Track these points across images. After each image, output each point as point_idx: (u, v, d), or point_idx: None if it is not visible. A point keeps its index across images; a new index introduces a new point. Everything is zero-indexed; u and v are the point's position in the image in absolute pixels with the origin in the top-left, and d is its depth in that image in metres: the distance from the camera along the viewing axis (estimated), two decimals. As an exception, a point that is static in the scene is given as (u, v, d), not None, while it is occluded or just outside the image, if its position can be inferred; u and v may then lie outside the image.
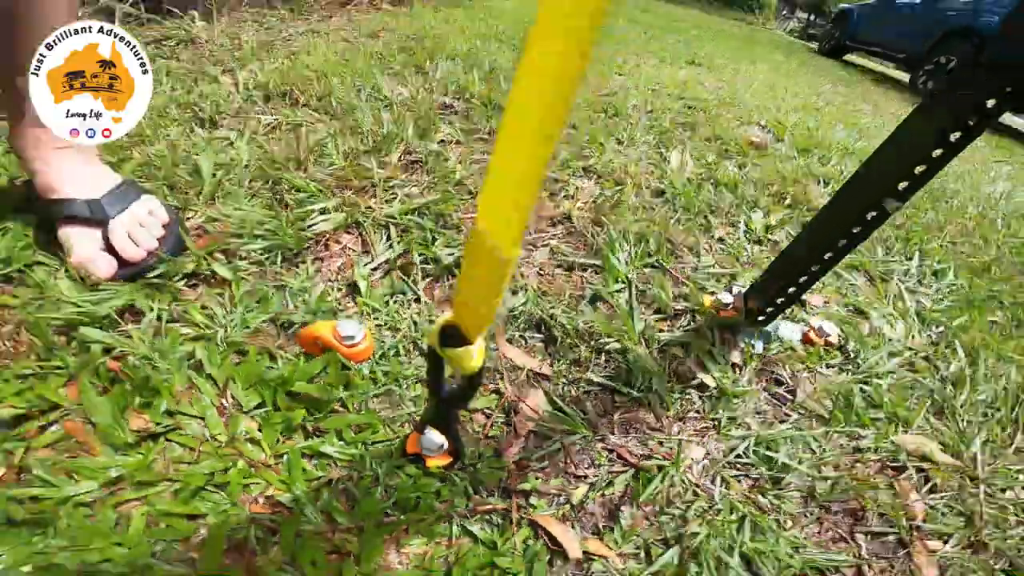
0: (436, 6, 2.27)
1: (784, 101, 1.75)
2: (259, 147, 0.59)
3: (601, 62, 1.47)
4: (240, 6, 1.72)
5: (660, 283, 0.50)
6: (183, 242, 0.45)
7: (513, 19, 2.00)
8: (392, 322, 0.41)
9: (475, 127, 0.72)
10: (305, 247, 0.45)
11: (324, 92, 0.75)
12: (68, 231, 0.42)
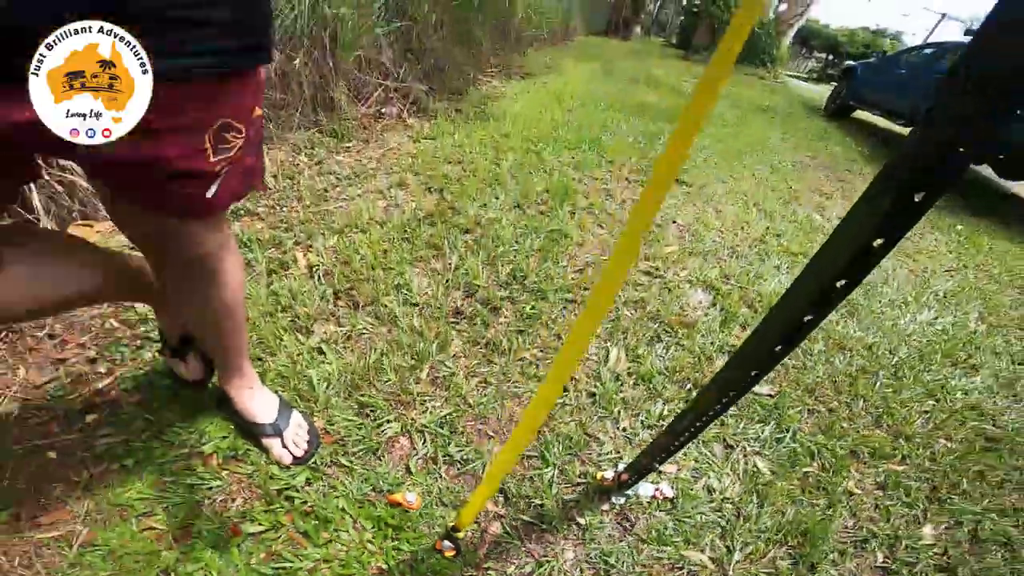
0: (454, 119, 2.91)
1: (747, 233, 2.26)
2: (341, 358, 1.13)
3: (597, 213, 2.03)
4: (292, 132, 2.35)
5: (573, 467, 1.01)
6: (319, 439, 0.97)
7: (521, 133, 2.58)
8: (428, 488, 0.93)
9: (477, 336, 1.26)
10: (382, 446, 0.98)
11: (374, 295, 1.30)
12: (266, 441, 0.94)
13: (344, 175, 1.96)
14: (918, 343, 1.77)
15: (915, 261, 2.48)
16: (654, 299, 1.56)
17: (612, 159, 2.72)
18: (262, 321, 1.17)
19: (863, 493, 1.15)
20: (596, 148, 2.86)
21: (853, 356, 1.60)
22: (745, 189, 2.77)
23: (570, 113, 3.68)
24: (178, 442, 0.92)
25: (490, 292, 1.40)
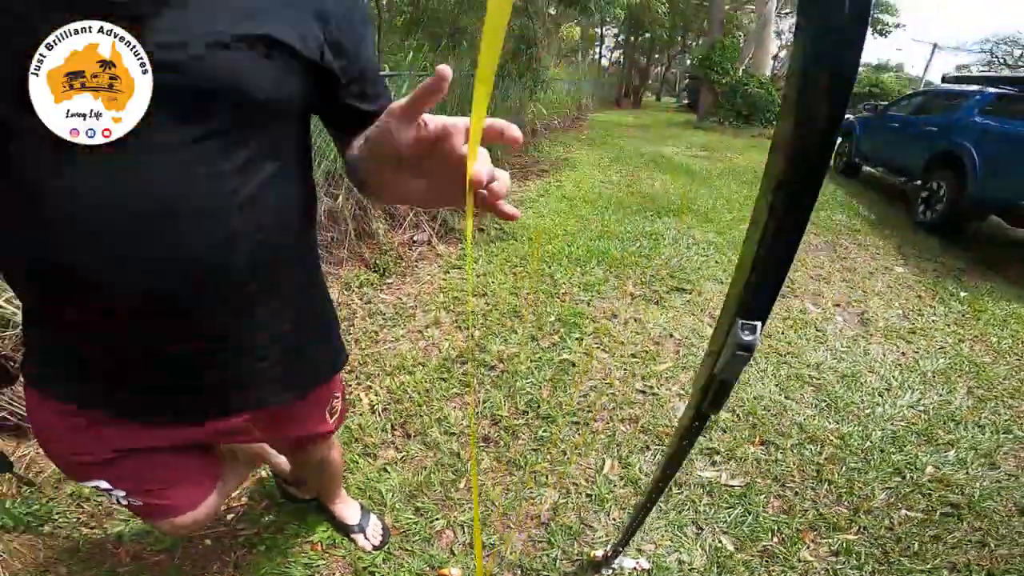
0: (477, 240, 3.54)
1: None
2: (401, 475, 1.63)
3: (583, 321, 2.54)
4: (342, 268, 3.00)
5: (572, 548, 1.46)
6: (389, 533, 1.46)
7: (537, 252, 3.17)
8: (466, 565, 1.39)
9: (501, 456, 1.75)
10: (433, 536, 1.46)
11: (422, 427, 1.83)
12: (353, 535, 1.45)
13: (389, 315, 2.60)
14: (893, 427, 2.10)
15: (908, 343, 2.79)
16: (646, 414, 2.04)
17: (618, 273, 3.28)
18: (351, 452, 1.76)
19: (816, 560, 1.52)
20: (604, 261, 3.44)
21: (824, 446, 1.96)
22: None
23: (582, 220, 4.32)
24: (294, 534, 1.46)
25: (510, 421, 1.93)
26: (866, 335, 2.80)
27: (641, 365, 2.34)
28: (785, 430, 2.01)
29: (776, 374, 2.36)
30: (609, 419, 1.99)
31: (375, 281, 2.94)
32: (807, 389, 2.27)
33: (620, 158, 7.54)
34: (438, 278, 3.04)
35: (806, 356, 2.52)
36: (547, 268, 3.25)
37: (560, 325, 2.60)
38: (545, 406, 2.02)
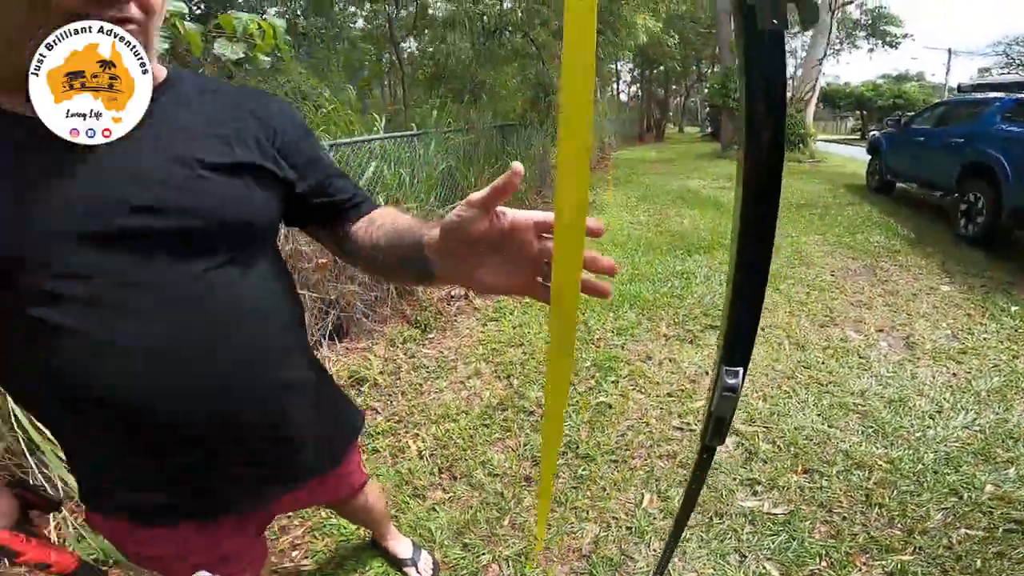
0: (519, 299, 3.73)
1: (776, 371, 2.66)
2: (448, 514, 1.78)
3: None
4: (387, 325, 3.21)
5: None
6: (439, 567, 1.60)
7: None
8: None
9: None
10: (480, 570, 1.58)
11: (467, 470, 1.97)
12: (406, 569, 1.58)
13: (432, 368, 2.78)
14: (947, 449, 2.07)
15: (959, 363, 2.74)
16: (684, 450, 2.10)
17: (651, 315, 3.39)
18: (394, 492, 1.90)
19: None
20: (636, 304, 3.54)
21: (873, 471, 1.97)
22: (778, 322, 3.26)
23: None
24: (352, 569, 1.60)
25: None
26: (913, 359, 2.78)
27: (677, 403, 2.41)
28: (829, 458, 2.02)
29: (818, 404, 2.38)
30: (647, 456, 2.06)
31: (418, 337, 3.15)
32: (852, 417, 2.28)
33: (647, 196, 7.71)
34: (477, 331, 3.22)
35: (849, 384, 2.53)
36: (581, 315, 3.38)
37: (596, 370, 2.70)
38: (584, 446, 2.11)
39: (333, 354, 2.87)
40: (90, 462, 0.71)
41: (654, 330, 3.18)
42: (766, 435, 2.18)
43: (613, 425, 2.26)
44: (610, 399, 2.45)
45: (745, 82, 0.51)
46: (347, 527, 1.73)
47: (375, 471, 2.05)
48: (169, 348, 0.61)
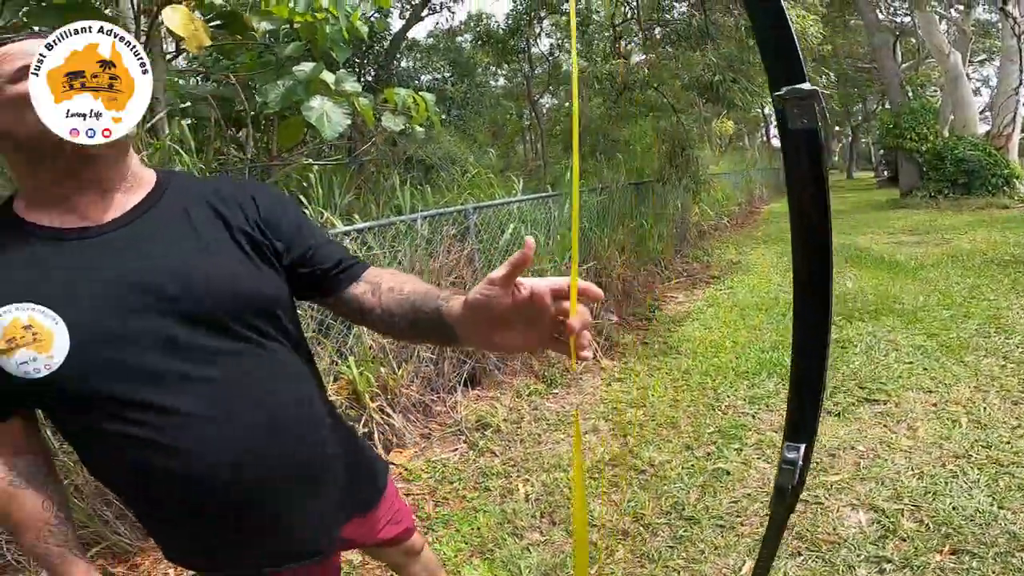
0: (641, 355, 3.77)
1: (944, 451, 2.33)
2: (540, 556, 1.87)
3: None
4: (516, 378, 3.42)
5: None
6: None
7: (701, 367, 3.26)
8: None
9: (637, 549, 1.89)
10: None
11: (567, 517, 2.05)
12: None
13: (552, 421, 2.91)
14: None
15: None
16: (805, 521, 1.95)
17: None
18: (495, 528, 2.05)
19: None
20: (777, 373, 3.32)
21: None
22: (958, 397, 2.87)
23: (754, 331, 4.23)
24: None
25: (652, 519, 2.05)
26: None
27: (808, 475, 2.25)
28: (990, 539, 1.77)
29: (992, 484, 2.06)
30: (759, 524, 1.94)
31: (543, 390, 3.30)
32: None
33: (803, 255, 7.19)
34: (600, 390, 3.28)
35: (1040, 468, 2.17)
36: (711, 382, 3.27)
37: (719, 436, 2.62)
38: (690, 509, 2.07)
39: (465, 399, 3.14)
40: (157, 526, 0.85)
41: None
42: (913, 514, 1.96)
43: (727, 491, 2.18)
44: (729, 466, 2.36)
45: (786, 176, 0.60)
46: None
47: (482, 508, 2.21)
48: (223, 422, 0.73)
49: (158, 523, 0.84)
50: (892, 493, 2.10)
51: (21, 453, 0.76)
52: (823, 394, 0.71)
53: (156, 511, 0.81)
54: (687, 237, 7.60)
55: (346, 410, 2.67)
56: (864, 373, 3.25)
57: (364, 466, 1.04)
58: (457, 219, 3.53)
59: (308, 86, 2.50)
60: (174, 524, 0.81)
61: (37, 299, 0.65)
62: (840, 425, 2.66)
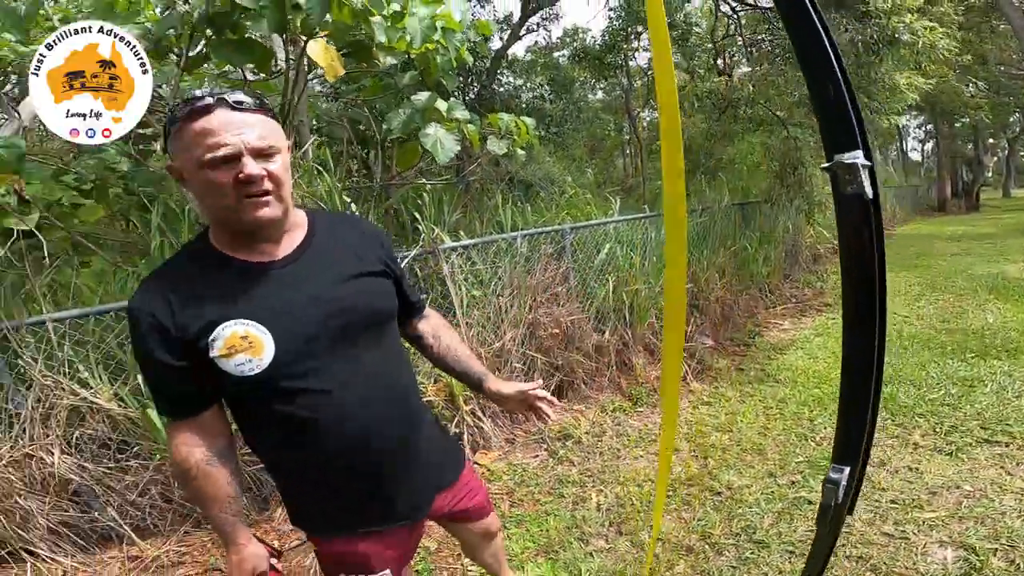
0: (735, 380, 3.73)
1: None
2: (603, 563, 1.98)
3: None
4: (601, 394, 3.53)
5: None
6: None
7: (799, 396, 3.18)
8: None
9: (699, 565, 1.94)
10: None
11: (634, 529, 2.14)
12: None
13: (634, 437, 3.00)
14: None
15: None
16: (883, 554, 1.92)
17: (903, 421, 3.00)
18: (564, 532, 2.19)
19: None
20: (886, 409, 3.14)
21: None
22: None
23: (866, 362, 4.02)
24: None
25: (719, 539, 2.09)
26: None
27: (899, 511, 2.18)
28: None
29: None
30: (835, 555, 1.90)
31: (627, 408, 3.39)
32: None
33: (937, 284, 6.50)
34: (686, 412, 3.30)
35: None
36: (808, 412, 3.18)
37: (807, 466, 2.57)
38: (762, 533, 2.09)
39: (551, 411, 3.31)
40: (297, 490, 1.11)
41: (902, 437, 2.81)
42: (1007, 553, 1.87)
43: (804, 519, 2.15)
44: (812, 495, 2.31)
45: (838, 232, 0.71)
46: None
47: (554, 512, 2.37)
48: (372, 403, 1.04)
49: (299, 488, 1.10)
50: (990, 533, 2.00)
51: (216, 436, 1.00)
52: (871, 420, 0.78)
53: (303, 478, 1.07)
54: (799, 261, 7.23)
55: (442, 410, 2.94)
56: (990, 413, 3.00)
57: (449, 447, 1.33)
58: (554, 238, 3.72)
59: (424, 114, 2.84)
60: (315, 487, 1.07)
61: (250, 316, 0.93)
62: (950, 464, 2.51)
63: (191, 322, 0.92)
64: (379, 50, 2.61)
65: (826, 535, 0.98)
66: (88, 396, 2.17)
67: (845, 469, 0.79)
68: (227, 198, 0.90)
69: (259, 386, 0.94)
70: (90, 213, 2.17)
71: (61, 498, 2.27)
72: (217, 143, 0.86)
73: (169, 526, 2.41)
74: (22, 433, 2.19)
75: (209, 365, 0.92)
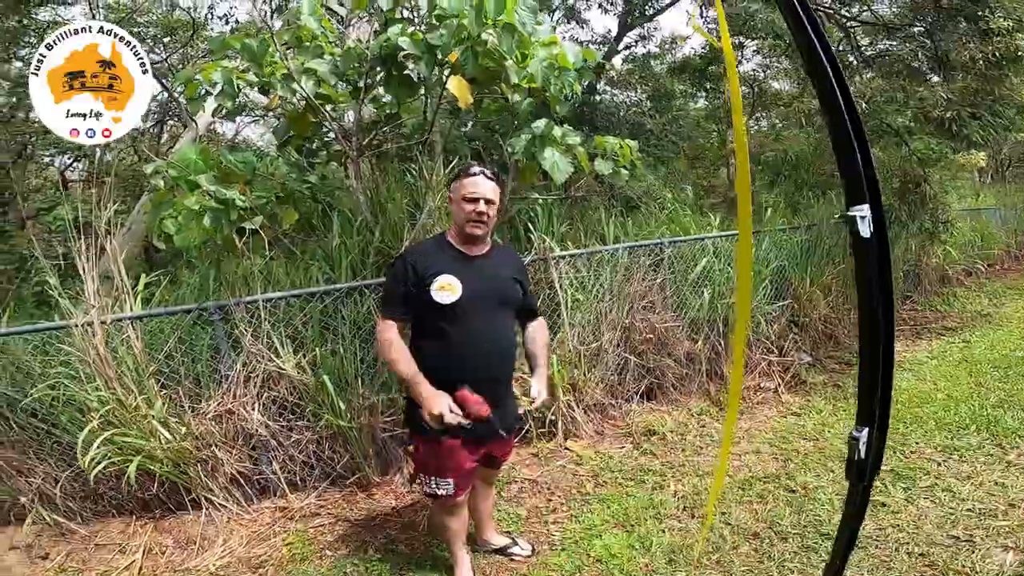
0: (830, 396, 3.91)
1: None
2: (672, 539, 2.38)
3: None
4: (690, 398, 3.87)
5: None
6: (535, 550, 2.28)
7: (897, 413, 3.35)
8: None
9: (763, 549, 2.27)
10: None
11: (705, 514, 2.51)
12: (513, 550, 2.41)
13: (717, 439, 3.31)
14: None
15: None
16: (944, 553, 2.14)
17: (1002, 442, 3.07)
18: (640, 511, 2.61)
19: None
20: (988, 429, 3.22)
21: None
22: None
23: (978, 387, 3.99)
24: None
25: (785, 529, 2.40)
26: None
27: (974, 518, 2.35)
28: None
29: None
30: (894, 551, 2.16)
31: (714, 413, 3.70)
32: None
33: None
34: (773, 420, 3.55)
35: None
36: (903, 428, 3.30)
37: (891, 475, 2.76)
38: (828, 527, 2.34)
39: (639, 408, 3.72)
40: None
41: (997, 456, 2.92)
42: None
43: (876, 520, 2.38)
44: (889, 500, 2.54)
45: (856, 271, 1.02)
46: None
47: (633, 494, 2.75)
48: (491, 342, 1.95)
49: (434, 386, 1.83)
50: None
51: (401, 332, 1.96)
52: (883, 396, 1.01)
53: (442, 378, 1.84)
54: (922, 282, 7.01)
55: (541, 399, 3.44)
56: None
57: (516, 409, 2.17)
58: (653, 250, 4.09)
59: (543, 139, 3.38)
60: (446, 386, 1.83)
61: (454, 273, 1.88)
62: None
63: (427, 271, 1.88)
64: (507, 87, 3.18)
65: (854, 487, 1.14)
66: (279, 364, 2.85)
67: (864, 430, 1.02)
68: (467, 217, 1.90)
69: (446, 310, 1.85)
70: (289, 217, 2.93)
71: (242, 451, 2.87)
72: (473, 192, 1.89)
73: (313, 482, 3.01)
74: (226, 392, 2.84)
75: (424, 295, 1.85)
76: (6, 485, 2.69)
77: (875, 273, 0.99)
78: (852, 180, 0.94)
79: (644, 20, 8.57)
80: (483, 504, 2.34)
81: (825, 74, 0.85)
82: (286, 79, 2.81)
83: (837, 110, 0.91)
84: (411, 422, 1.99)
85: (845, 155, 0.93)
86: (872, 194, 0.94)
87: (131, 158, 8.80)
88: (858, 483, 1.11)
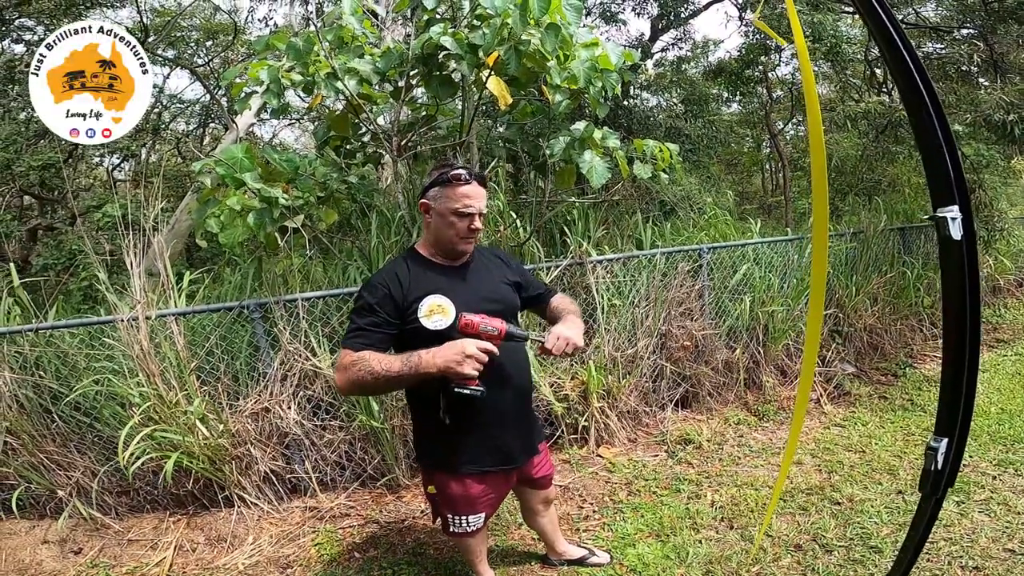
0: (875, 407, 3.79)
1: None
2: (709, 547, 2.33)
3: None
4: (727, 407, 3.80)
5: None
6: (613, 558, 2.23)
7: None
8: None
9: (807, 561, 2.21)
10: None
11: (745, 524, 2.46)
12: (591, 560, 2.33)
13: (755, 449, 3.26)
14: None
15: None
16: (999, 567, 2.08)
17: None
18: (676, 520, 2.57)
19: None
20: None
21: None
22: None
23: (1038, 397, 3.83)
24: None
25: (830, 541, 2.35)
26: None
27: None
28: None
29: None
30: (946, 562, 2.11)
31: (752, 423, 3.63)
32: None
33: None
34: (815, 431, 3.47)
35: None
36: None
37: None
38: (877, 539, 2.30)
39: (674, 415, 3.67)
40: (461, 442, 1.70)
41: None
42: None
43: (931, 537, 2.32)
44: (942, 513, 2.40)
45: (942, 276, 1.02)
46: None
47: (668, 504, 2.72)
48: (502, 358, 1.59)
49: (466, 433, 1.68)
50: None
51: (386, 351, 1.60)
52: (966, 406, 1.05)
53: (469, 422, 1.65)
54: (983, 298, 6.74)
55: (575, 404, 3.41)
56: None
57: (536, 421, 2.02)
58: (691, 256, 4.03)
59: (581, 141, 3.37)
60: (479, 428, 1.68)
61: (441, 292, 1.60)
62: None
63: (408, 296, 1.60)
64: (549, 89, 3.18)
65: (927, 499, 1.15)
66: (315, 363, 2.90)
67: (943, 440, 1.03)
68: (458, 234, 1.64)
69: (436, 337, 1.54)
70: (328, 217, 2.98)
71: (276, 450, 2.90)
72: (467, 205, 1.61)
73: (344, 483, 3.04)
74: (263, 389, 2.89)
75: (409, 325, 1.59)
76: (45, 479, 2.77)
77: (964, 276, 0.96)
78: (941, 180, 0.92)
79: (679, 23, 8.48)
80: (545, 523, 2.19)
81: (910, 73, 0.82)
82: (329, 78, 2.85)
83: (923, 110, 0.88)
84: (425, 455, 1.80)
85: (933, 156, 0.91)
86: (961, 196, 0.92)
87: (175, 159, 9.08)
88: (931, 496, 1.09)
